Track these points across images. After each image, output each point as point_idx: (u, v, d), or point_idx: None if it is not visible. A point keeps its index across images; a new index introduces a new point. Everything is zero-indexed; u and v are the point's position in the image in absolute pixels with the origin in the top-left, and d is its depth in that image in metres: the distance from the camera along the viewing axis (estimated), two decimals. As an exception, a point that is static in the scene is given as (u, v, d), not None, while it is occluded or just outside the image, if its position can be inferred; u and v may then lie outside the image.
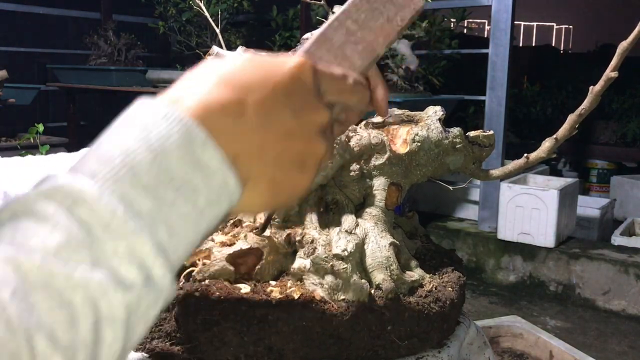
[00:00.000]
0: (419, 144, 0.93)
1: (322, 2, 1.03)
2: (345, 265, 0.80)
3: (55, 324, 0.30)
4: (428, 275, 0.88)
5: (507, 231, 3.18)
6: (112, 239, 0.32)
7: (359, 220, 0.88)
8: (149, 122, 0.36)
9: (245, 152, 0.39)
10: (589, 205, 3.56)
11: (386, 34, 0.54)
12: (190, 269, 0.82)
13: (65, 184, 0.33)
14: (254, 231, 0.84)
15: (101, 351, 0.32)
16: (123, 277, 0.32)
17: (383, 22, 0.54)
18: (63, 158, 0.77)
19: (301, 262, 0.82)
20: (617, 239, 3.23)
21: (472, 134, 0.98)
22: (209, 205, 0.37)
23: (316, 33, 0.52)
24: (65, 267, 0.31)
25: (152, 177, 0.34)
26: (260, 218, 0.86)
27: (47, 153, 1.99)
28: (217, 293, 0.76)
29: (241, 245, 0.82)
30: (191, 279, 0.80)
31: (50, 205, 0.32)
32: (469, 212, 3.66)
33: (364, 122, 0.99)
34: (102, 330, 0.32)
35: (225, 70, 0.40)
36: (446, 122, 0.96)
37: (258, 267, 0.81)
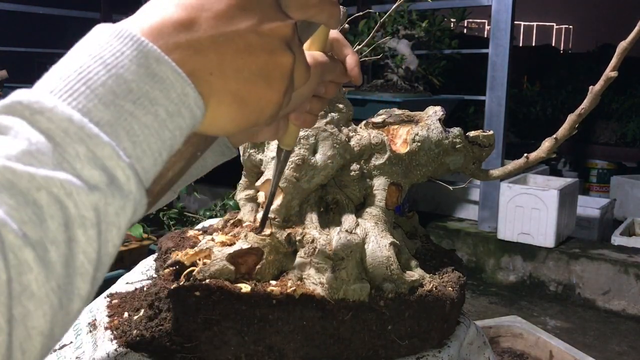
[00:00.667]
0: (419, 143, 0.93)
1: (322, 2, 1.03)
2: (346, 265, 0.80)
3: (22, 221, 0.30)
4: (428, 275, 0.88)
5: (507, 231, 3.18)
6: (71, 143, 0.33)
7: (359, 220, 0.88)
8: (103, 42, 0.36)
9: (203, 66, 0.39)
10: (589, 205, 3.57)
11: None
12: (191, 268, 0.82)
13: (22, 99, 0.33)
14: (254, 231, 0.84)
15: (76, 252, 0.32)
16: (87, 178, 0.33)
17: None
18: None
19: (301, 261, 0.82)
20: (617, 239, 3.23)
21: (472, 134, 0.98)
22: (170, 117, 0.37)
23: None
24: (27, 168, 0.31)
25: (108, 90, 0.35)
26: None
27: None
28: (218, 292, 0.76)
29: (241, 244, 0.82)
30: (191, 278, 0.80)
31: (8, 118, 0.33)
32: (469, 212, 3.66)
33: (364, 122, 0.99)
34: (73, 230, 0.32)
35: None
36: (446, 122, 0.96)
37: (258, 266, 0.81)
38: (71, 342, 0.90)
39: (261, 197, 0.90)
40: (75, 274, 0.33)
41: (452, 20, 3.82)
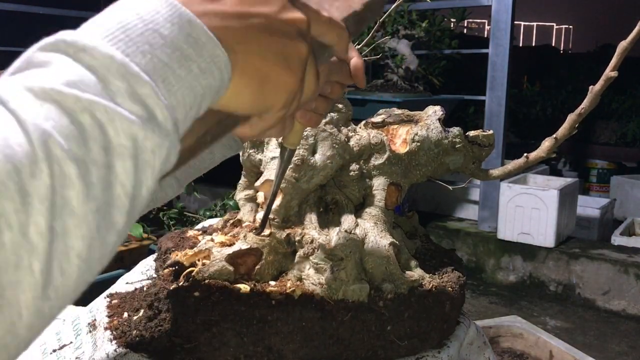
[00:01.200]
0: (418, 143, 0.93)
1: (321, 2, 1.03)
2: (345, 266, 0.80)
3: (67, 137, 0.31)
4: (428, 275, 0.88)
5: (507, 231, 3.18)
6: (113, 79, 0.34)
7: (359, 220, 0.88)
8: (139, 2, 0.38)
9: (229, 36, 0.41)
10: (589, 205, 3.56)
11: None
12: (190, 269, 0.82)
13: (66, 38, 0.34)
14: (254, 231, 0.84)
15: (114, 182, 0.33)
16: (128, 109, 0.34)
17: None
18: None
19: (301, 262, 0.82)
20: (617, 239, 3.23)
21: (471, 133, 0.98)
22: (202, 73, 0.39)
23: None
24: (73, 91, 0.32)
25: (145, 41, 0.36)
26: (260, 218, 0.86)
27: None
28: (217, 293, 0.76)
29: (241, 245, 0.82)
30: (191, 279, 0.80)
31: (53, 54, 0.34)
32: (469, 212, 3.66)
33: (363, 122, 0.99)
34: (112, 158, 0.33)
35: None
36: (446, 122, 0.96)
37: (257, 267, 0.81)
38: (71, 342, 0.89)
39: (260, 197, 0.90)
40: (113, 205, 0.33)
41: (452, 20, 3.82)
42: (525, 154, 0.96)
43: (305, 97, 0.50)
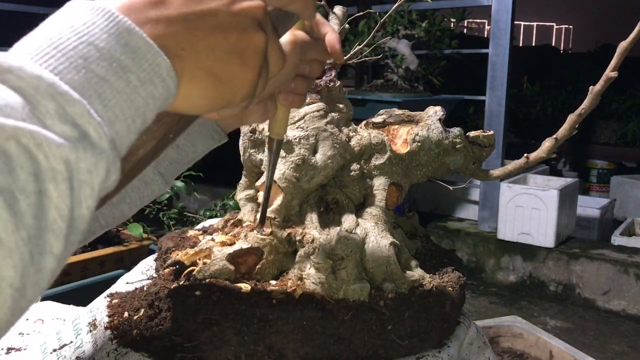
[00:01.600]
0: (419, 143, 0.93)
1: (322, 2, 1.03)
2: (346, 265, 0.80)
3: None
4: (428, 275, 0.88)
5: (507, 231, 3.18)
6: (42, 100, 0.33)
7: (359, 220, 0.88)
8: (74, 14, 0.37)
9: (174, 42, 0.40)
10: (589, 205, 3.57)
11: None
12: (191, 268, 0.82)
13: None
14: (255, 229, 0.84)
15: (47, 206, 0.32)
16: (57, 132, 0.33)
17: None
18: None
19: (301, 261, 0.82)
20: (617, 239, 3.23)
21: (472, 134, 0.98)
22: (142, 84, 0.37)
23: None
24: None
25: (79, 55, 0.35)
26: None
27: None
28: (218, 292, 0.76)
29: (241, 244, 0.82)
30: (191, 278, 0.80)
31: None
32: (469, 212, 3.66)
33: (364, 122, 0.99)
34: (44, 183, 0.32)
35: None
36: (446, 122, 0.96)
37: (258, 266, 0.81)
38: (71, 342, 0.90)
39: (261, 197, 0.90)
40: (47, 229, 0.32)
41: (452, 20, 3.83)
42: (525, 154, 0.96)
43: (272, 75, 0.48)
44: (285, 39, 0.58)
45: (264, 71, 0.46)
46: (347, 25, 1.02)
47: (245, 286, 0.79)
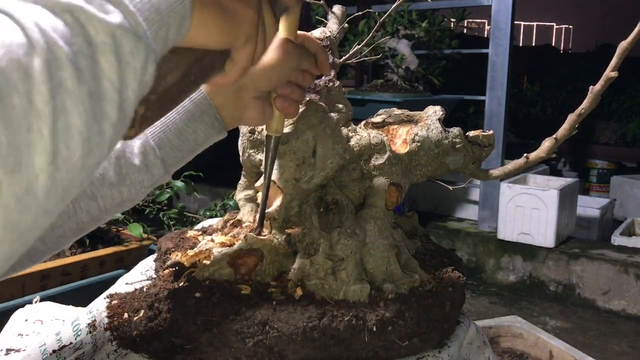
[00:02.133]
0: (418, 143, 0.93)
1: (321, 2, 1.03)
2: (346, 266, 0.80)
3: (54, 28, 0.34)
4: (428, 275, 0.88)
5: (507, 231, 3.18)
6: None
7: (359, 220, 0.88)
8: None
9: None
10: (589, 205, 3.57)
11: None
12: (191, 269, 0.82)
13: None
14: (253, 231, 0.84)
15: (101, 76, 0.36)
16: (103, 9, 0.37)
17: None
18: None
19: (301, 262, 0.82)
20: (617, 239, 3.23)
21: (472, 133, 0.98)
22: None
23: None
24: None
25: None
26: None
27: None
28: (218, 294, 0.76)
29: (241, 245, 0.82)
30: (191, 279, 0.80)
31: None
32: (469, 212, 3.66)
33: (363, 122, 0.99)
34: (96, 52, 0.36)
35: None
36: (446, 122, 0.96)
37: (258, 267, 0.81)
38: (71, 343, 0.89)
39: (260, 197, 0.90)
40: (104, 96, 0.36)
41: (452, 20, 3.83)
42: (525, 154, 0.96)
43: (269, 37, 0.55)
44: (283, 44, 0.67)
45: (261, 24, 0.53)
46: (346, 25, 1.02)
47: (245, 287, 0.79)
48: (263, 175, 0.84)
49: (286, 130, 0.87)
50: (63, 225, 0.67)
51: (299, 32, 0.72)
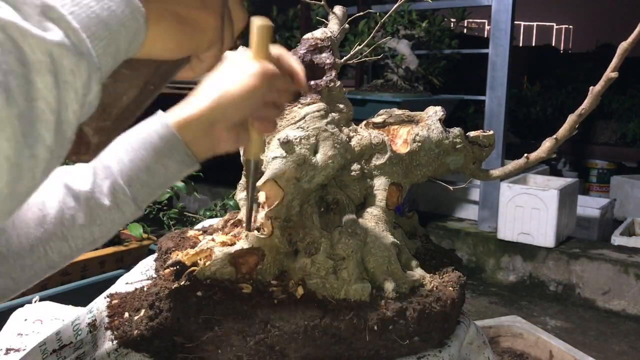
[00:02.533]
0: (419, 144, 0.93)
1: (322, 2, 1.03)
2: (347, 265, 0.80)
3: None
4: (428, 275, 0.88)
5: (507, 231, 3.18)
6: (27, 7, 0.35)
7: (360, 220, 0.88)
8: None
9: None
10: (589, 205, 3.56)
11: None
12: (192, 268, 0.82)
13: None
14: (256, 231, 0.84)
15: (36, 96, 0.34)
16: (41, 26, 0.35)
17: None
18: None
19: (303, 261, 0.82)
20: (617, 239, 3.23)
21: (472, 134, 0.98)
22: (116, 8, 0.40)
23: None
24: None
25: None
26: (261, 219, 0.86)
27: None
28: (219, 293, 0.76)
29: (242, 244, 0.82)
30: (192, 278, 0.80)
31: None
32: (469, 212, 3.66)
33: (364, 122, 0.99)
34: (30, 72, 0.34)
35: None
36: (446, 122, 0.96)
37: (259, 266, 0.81)
38: (71, 343, 0.89)
39: (261, 197, 0.90)
40: (37, 119, 0.34)
41: (452, 20, 3.83)
42: (525, 155, 0.96)
43: (237, 28, 0.53)
44: (254, 70, 0.62)
45: (227, 21, 0.50)
46: (347, 25, 1.02)
47: (246, 286, 0.79)
48: (246, 197, 0.82)
49: (287, 130, 0.88)
50: (34, 266, 0.66)
51: (272, 49, 0.68)
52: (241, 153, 0.97)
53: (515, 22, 3.36)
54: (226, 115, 0.64)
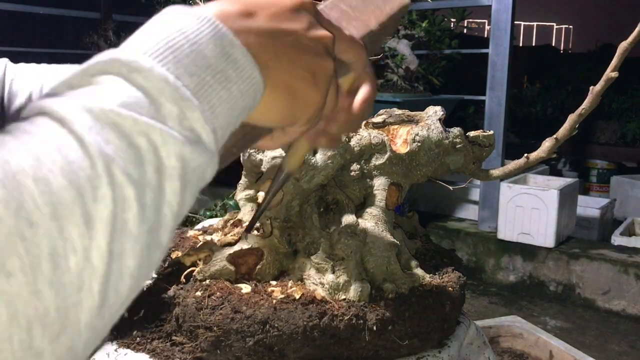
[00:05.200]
0: (419, 143, 0.93)
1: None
2: (346, 265, 0.80)
3: (126, 160, 0.32)
4: (428, 275, 0.88)
5: (507, 231, 3.18)
6: (165, 102, 0.35)
7: (360, 220, 0.88)
8: (183, 19, 0.39)
9: (263, 53, 0.42)
10: (589, 205, 3.56)
11: (377, 16, 0.59)
12: (191, 269, 0.82)
13: (119, 57, 0.35)
14: (257, 232, 0.84)
15: (163, 202, 0.34)
16: (178, 131, 0.35)
17: (374, 8, 0.60)
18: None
19: (302, 262, 0.82)
20: (617, 239, 3.23)
21: (472, 134, 0.98)
22: (241, 95, 0.40)
23: None
24: (131, 113, 0.33)
25: (191, 62, 0.37)
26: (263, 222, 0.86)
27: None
28: (218, 293, 0.76)
29: (242, 245, 0.82)
30: (192, 279, 0.80)
31: (106, 75, 0.34)
32: (469, 212, 3.66)
33: (364, 122, 0.99)
34: (163, 179, 0.34)
35: None
36: (446, 122, 0.96)
37: (259, 267, 0.81)
38: (71, 342, 0.89)
39: (261, 197, 0.90)
40: (162, 224, 0.34)
41: (452, 20, 3.83)
42: (525, 154, 0.96)
43: (327, 110, 0.50)
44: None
45: (325, 97, 0.49)
46: (347, 26, 1.02)
47: (245, 287, 0.79)
48: (261, 203, 0.77)
49: None
50: None
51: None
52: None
53: (515, 22, 3.36)
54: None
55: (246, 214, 0.96)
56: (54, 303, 0.28)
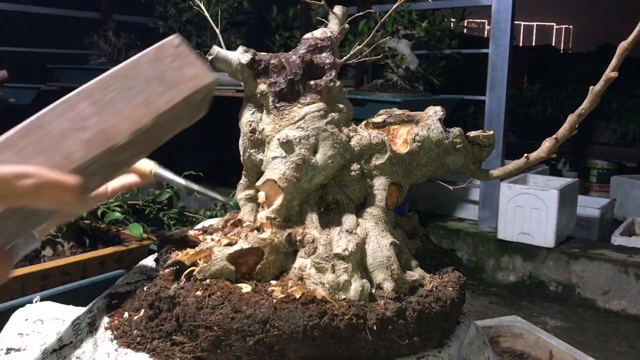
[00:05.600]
0: (419, 143, 0.93)
1: (322, 2, 1.03)
2: (346, 265, 0.80)
3: None
4: (428, 275, 0.88)
5: (507, 231, 3.18)
6: None
7: (360, 220, 0.88)
8: None
9: None
10: (589, 205, 3.56)
11: (138, 118, 0.45)
12: (191, 268, 0.82)
13: None
14: (255, 231, 0.84)
15: None
16: None
17: (139, 103, 0.46)
18: None
19: (302, 261, 0.82)
20: (617, 239, 3.23)
21: (472, 134, 0.98)
22: None
23: (33, 117, 0.44)
24: None
25: None
26: (261, 219, 0.86)
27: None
28: (218, 292, 0.76)
29: (242, 244, 0.82)
30: (192, 278, 0.80)
31: None
32: (469, 212, 3.66)
33: (364, 122, 0.99)
34: None
35: None
36: (446, 122, 0.96)
37: (259, 266, 0.81)
38: (71, 342, 0.90)
39: (261, 197, 0.90)
40: None
41: (452, 20, 3.83)
42: (525, 154, 0.96)
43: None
44: None
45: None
46: (347, 25, 1.02)
47: (246, 286, 0.79)
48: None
49: (287, 129, 0.88)
50: None
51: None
52: (241, 153, 0.97)
53: (515, 22, 3.36)
54: None
55: (246, 213, 0.96)
56: None
